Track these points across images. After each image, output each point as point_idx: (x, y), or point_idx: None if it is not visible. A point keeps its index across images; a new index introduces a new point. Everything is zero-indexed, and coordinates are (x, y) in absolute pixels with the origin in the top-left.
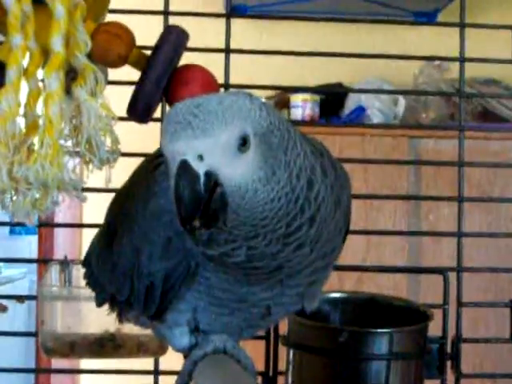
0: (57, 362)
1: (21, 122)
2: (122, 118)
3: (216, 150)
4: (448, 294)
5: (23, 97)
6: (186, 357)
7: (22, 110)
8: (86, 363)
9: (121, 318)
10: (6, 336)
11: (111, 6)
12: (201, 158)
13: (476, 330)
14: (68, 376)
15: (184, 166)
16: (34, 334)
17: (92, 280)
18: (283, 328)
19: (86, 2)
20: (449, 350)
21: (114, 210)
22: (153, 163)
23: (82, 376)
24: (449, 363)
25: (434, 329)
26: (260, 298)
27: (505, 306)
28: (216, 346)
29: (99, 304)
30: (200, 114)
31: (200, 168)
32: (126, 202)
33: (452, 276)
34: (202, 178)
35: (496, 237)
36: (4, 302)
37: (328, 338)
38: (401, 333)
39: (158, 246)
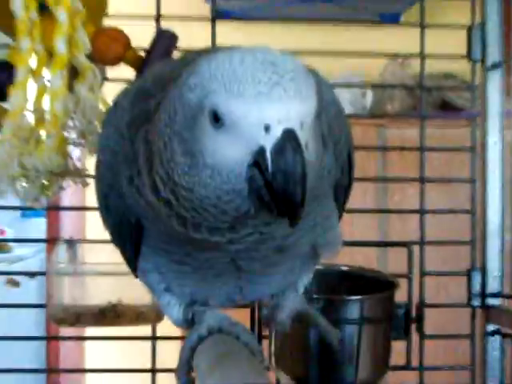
0: (64, 331)
1: (30, 116)
2: None
3: (310, 116)
4: (412, 265)
5: (31, 94)
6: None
7: (31, 106)
8: (90, 331)
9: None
10: (20, 308)
11: (109, 12)
12: (301, 125)
13: (438, 296)
14: (75, 342)
15: (292, 136)
16: (44, 306)
17: None
18: None
19: (86, 9)
20: (414, 314)
21: None
22: None
23: (87, 342)
24: (414, 326)
25: (400, 296)
26: (209, 257)
27: (463, 275)
28: (210, 325)
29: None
30: (284, 73)
31: (302, 138)
32: None
33: (416, 249)
34: (305, 152)
35: (454, 213)
36: (16, 278)
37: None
38: (370, 300)
39: (101, 206)
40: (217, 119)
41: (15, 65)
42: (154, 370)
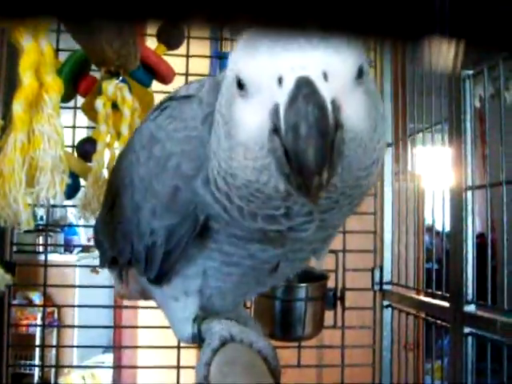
0: (125, 302)
1: (105, 172)
2: None
3: (342, 70)
4: (338, 265)
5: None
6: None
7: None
8: (141, 303)
9: (121, 279)
10: (99, 288)
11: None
12: (325, 76)
13: (354, 284)
14: (131, 309)
15: (308, 84)
16: (113, 287)
17: (97, 244)
18: None
19: (140, 106)
20: (339, 294)
21: (113, 178)
22: (152, 115)
23: (140, 309)
24: (338, 302)
25: (330, 283)
26: (271, 255)
27: (369, 271)
28: (222, 335)
29: (102, 265)
30: (310, 39)
31: (325, 90)
32: (123, 164)
33: (340, 255)
34: (330, 107)
35: (364, 233)
36: (97, 268)
37: (274, 289)
38: (312, 286)
39: (162, 198)
40: (241, 86)
41: (97, 140)
42: None
